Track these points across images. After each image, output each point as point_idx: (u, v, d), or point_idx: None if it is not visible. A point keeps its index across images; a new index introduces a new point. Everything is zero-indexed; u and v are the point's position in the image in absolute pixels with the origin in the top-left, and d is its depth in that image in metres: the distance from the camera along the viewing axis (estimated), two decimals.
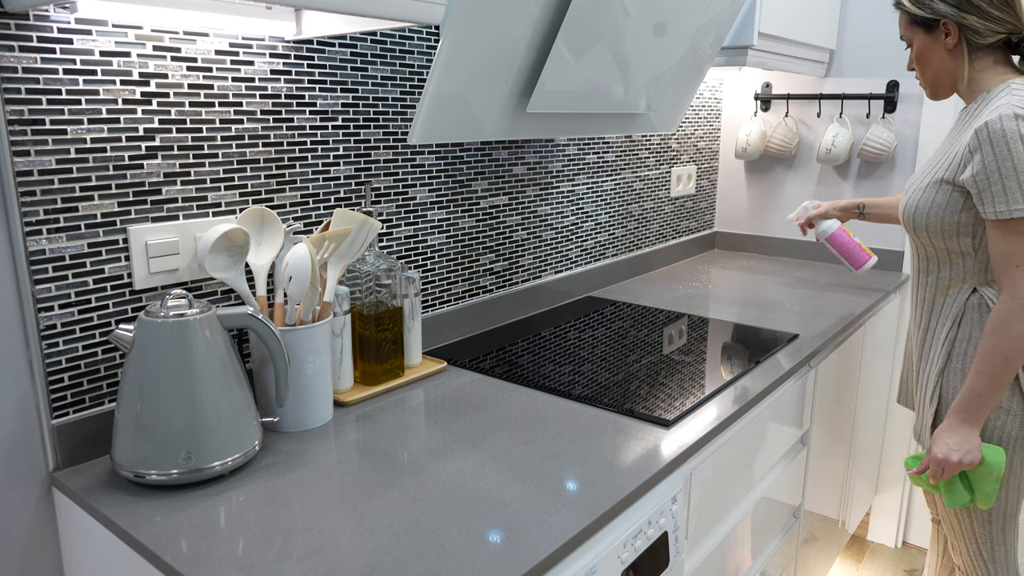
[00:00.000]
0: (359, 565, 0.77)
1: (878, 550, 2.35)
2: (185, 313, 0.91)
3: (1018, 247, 1.18)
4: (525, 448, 1.04)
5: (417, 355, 1.34)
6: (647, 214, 2.18)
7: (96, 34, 0.95)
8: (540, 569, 0.78)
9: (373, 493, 0.91)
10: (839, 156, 2.14)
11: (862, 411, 2.06)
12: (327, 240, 1.10)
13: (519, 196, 1.67)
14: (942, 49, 1.28)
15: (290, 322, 1.09)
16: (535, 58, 1.16)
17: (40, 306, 0.94)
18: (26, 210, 0.91)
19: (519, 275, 1.71)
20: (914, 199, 1.33)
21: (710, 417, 1.16)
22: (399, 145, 1.37)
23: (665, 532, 1.02)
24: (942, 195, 1.27)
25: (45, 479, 0.98)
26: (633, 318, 1.70)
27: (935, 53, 1.29)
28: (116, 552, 0.87)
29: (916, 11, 1.27)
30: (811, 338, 1.56)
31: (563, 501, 0.90)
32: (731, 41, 1.71)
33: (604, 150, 1.94)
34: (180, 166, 1.06)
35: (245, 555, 0.79)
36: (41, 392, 0.96)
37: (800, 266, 2.29)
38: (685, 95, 1.61)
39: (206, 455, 0.91)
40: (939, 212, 1.28)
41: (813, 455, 1.70)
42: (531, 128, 1.30)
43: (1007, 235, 1.19)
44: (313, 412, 1.10)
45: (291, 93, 1.18)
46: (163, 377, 0.90)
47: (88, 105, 0.95)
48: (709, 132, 2.42)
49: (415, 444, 1.05)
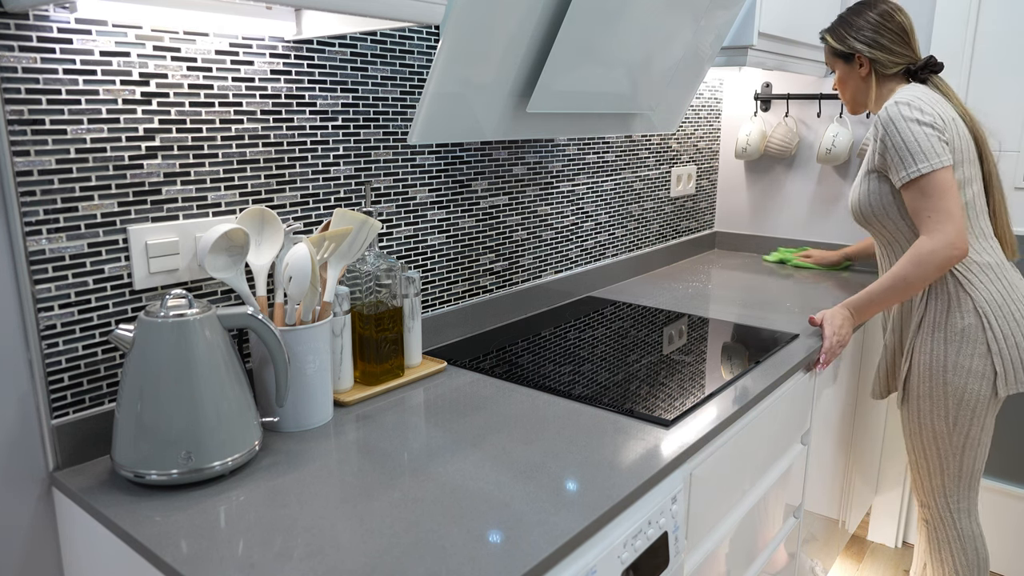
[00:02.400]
0: (359, 565, 0.77)
1: (878, 550, 2.35)
2: (185, 313, 0.91)
3: (924, 200, 1.44)
4: (525, 448, 1.04)
5: (417, 355, 1.34)
6: (647, 214, 2.18)
7: (96, 34, 0.95)
8: (540, 569, 0.78)
9: (373, 493, 0.91)
10: (839, 156, 2.14)
11: (862, 411, 2.06)
12: (327, 240, 1.10)
13: (519, 196, 1.67)
14: (857, 76, 1.61)
15: (290, 322, 1.09)
16: (535, 58, 1.16)
17: (40, 306, 0.94)
18: (26, 210, 0.91)
19: (519, 275, 1.71)
20: (855, 196, 1.62)
21: (710, 417, 1.16)
22: (399, 145, 1.37)
23: (665, 532, 1.02)
24: (873, 184, 1.56)
25: (45, 479, 0.98)
26: (633, 318, 1.70)
27: (852, 79, 1.62)
28: (116, 552, 0.87)
29: (837, 46, 1.61)
30: (811, 338, 1.56)
31: (563, 501, 0.90)
32: (731, 41, 1.71)
33: (604, 150, 1.94)
34: (180, 166, 1.06)
35: (245, 555, 0.79)
36: (41, 392, 0.96)
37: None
38: (685, 95, 1.61)
39: (206, 455, 0.91)
40: (876, 199, 1.56)
41: (813, 455, 1.70)
42: (531, 128, 1.30)
43: (914, 194, 1.46)
44: (313, 412, 1.10)
45: (291, 93, 1.18)
46: (163, 377, 0.90)
47: (88, 105, 0.95)
48: (709, 132, 2.42)
49: (415, 444, 1.05)
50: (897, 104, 1.46)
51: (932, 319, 1.55)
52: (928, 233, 1.44)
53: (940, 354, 1.54)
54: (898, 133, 1.45)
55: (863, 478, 2.18)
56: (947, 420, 1.55)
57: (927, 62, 1.56)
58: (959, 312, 1.51)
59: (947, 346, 1.53)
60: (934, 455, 1.60)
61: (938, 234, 1.42)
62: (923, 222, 1.45)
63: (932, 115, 1.44)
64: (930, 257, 1.43)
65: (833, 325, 1.53)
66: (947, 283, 1.52)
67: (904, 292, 1.48)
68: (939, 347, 1.54)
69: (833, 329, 1.52)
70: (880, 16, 1.55)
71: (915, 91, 1.49)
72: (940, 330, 1.54)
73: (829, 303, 1.84)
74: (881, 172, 1.53)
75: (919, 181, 1.44)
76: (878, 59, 1.56)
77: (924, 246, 1.44)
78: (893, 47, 1.55)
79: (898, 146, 1.45)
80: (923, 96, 1.47)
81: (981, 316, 1.49)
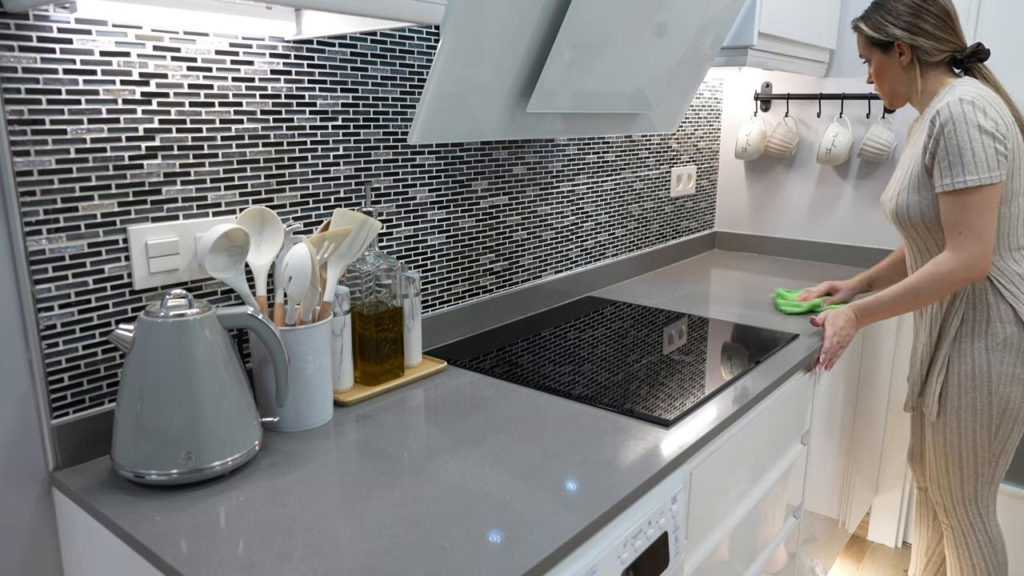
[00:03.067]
0: (359, 565, 0.77)
1: (878, 550, 2.35)
2: (185, 313, 0.91)
3: (961, 215, 1.37)
4: (525, 448, 1.04)
5: (417, 355, 1.34)
6: (647, 214, 2.18)
7: (96, 34, 0.95)
8: (540, 569, 0.78)
9: (373, 493, 0.91)
10: (839, 156, 2.14)
11: (862, 411, 2.06)
12: (327, 240, 1.10)
13: (519, 196, 1.67)
14: (897, 66, 1.50)
15: (290, 322, 1.09)
16: (535, 58, 1.16)
17: (40, 306, 0.94)
18: (26, 210, 0.91)
19: (519, 275, 1.71)
20: (902, 199, 1.50)
21: (710, 417, 1.16)
22: (399, 145, 1.37)
23: (665, 532, 1.02)
24: (926, 191, 1.45)
25: (45, 479, 0.98)
26: (633, 318, 1.70)
27: (891, 69, 1.51)
28: (116, 552, 0.87)
29: (873, 34, 1.49)
30: (811, 338, 1.56)
31: (563, 501, 0.90)
32: (731, 41, 1.71)
33: (604, 150, 1.94)
34: (180, 166, 1.06)
35: (245, 555, 0.79)
36: (41, 392, 0.96)
37: (800, 266, 2.29)
38: (685, 95, 1.61)
39: (206, 455, 0.91)
40: (929, 207, 1.45)
41: (813, 455, 1.70)
42: (531, 128, 1.30)
43: (953, 203, 1.38)
44: (313, 412, 1.10)
45: (291, 93, 1.18)
46: (163, 377, 0.90)
47: (88, 105, 0.95)
48: (709, 132, 2.42)
49: (415, 444, 1.05)
50: (962, 102, 1.36)
51: (971, 329, 1.49)
52: (953, 249, 1.39)
53: (983, 363, 1.48)
54: (957, 136, 1.36)
55: (863, 478, 2.18)
56: (989, 430, 1.50)
57: (975, 50, 1.45)
58: (1000, 322, 1.46)
59: (989, 355, 1.47)
60: (970, 463, 1.55)
61: (963, 253, 1.37)
62: (953, 236, 1.39)
63: (996, 120, 1.36)
64: (949, 277, 1.39)
65: (835, 325, 1.50)
66: (986, 292, 1.46)
67: (913, 304, 1.44)
68: (981, 356, 1.48)
69: (835, 329, 1.50)
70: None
71: (977, 88, 1.39)
72: (981, 339, 1.48)
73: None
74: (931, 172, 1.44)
75: (963, 192, 1.36)
76: (921, 46, 1.44)
77: (945, 264, 1.39)
78: (937, 32, 1.44)
79: (953, 150, 1.36)
80: (985, 95, 1.38)
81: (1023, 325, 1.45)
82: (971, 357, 1.49)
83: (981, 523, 1.59)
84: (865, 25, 1.50)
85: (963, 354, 1.50)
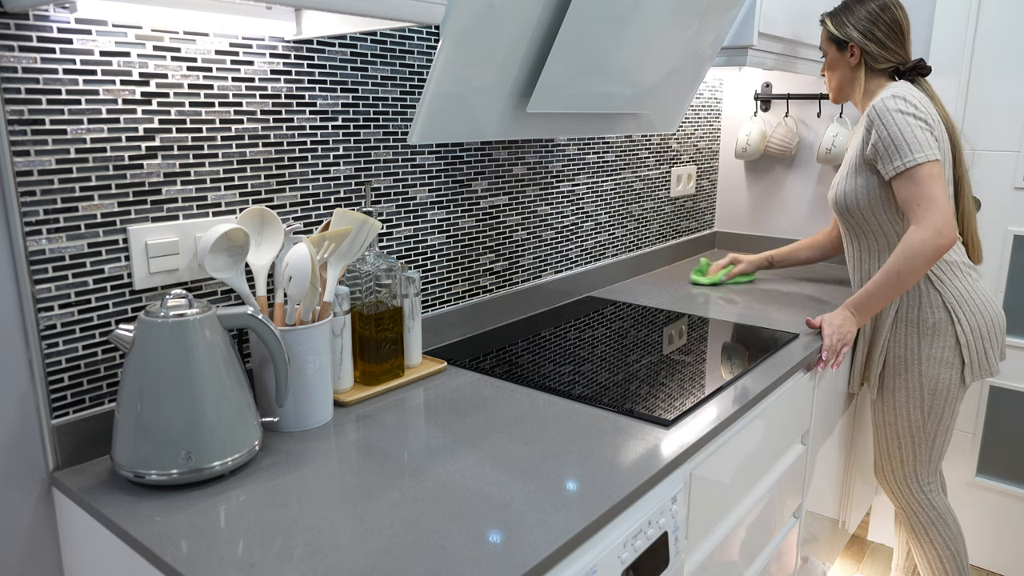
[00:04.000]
0: (359, 565, 0.77)
1: (878, 550, 2.35)
2: (185, 313, 0.91)
3: (915, 190, 1.48)
4: (525, 448, 1.04)
5: (417, 355, 1.34)
6: (647, 214, 2.18)
7: (96, 34, 0.95)
8: (540, 569, 0.78)
9: (373, 493, 0.91)
10: (839, 156, 2.14)
11: (862, 411, 2.06)
12: (327, 240, 1.10)
13: (519, 196, 1.67)
14: (847, 65, 1.65)
15: (290, 322, 1.09)
16: (535, 58, 1.16)
17: (40, 306, 0.94)
18: (26, 210, 0.91)
19: (519, 275, 1.71)
20: (841, 189, 1.66)
21: (710, 417, 1.16)
22: (399, 145, 1.37)
23: (665, 532, 1.02)
24: (862, 178, 1.60)
25: (45, 479, 0.98)
26: (633, 318, 1.70)
27: (841, 67, 1.66)
28: (116, 552, 0.87)
29: (834, 31, 1.63)
30: (811, 338, 1.56)
31: (563, 501, 0.90)
32: (731, 41, 1.71)
33: (604, 150, 1.94)
34: (180, 166, 1.06)
35: (245, 555, 0.79)
36: (41, 392, 0.96)
37: (800, 266, 2.29)
38: (685, 95, 1.61)
39: (206, 455, 0.91)
40: (863, 192, 1.60)
41: (813, 455, 1.70)
42: (531, 128, 1.30)
43: (905, 184, 1.50)
44: (313, 412, 1.10)
45: (291, 93, 1.18)
46: (163, 377, 0.90)
47: (88, 105, 0.95)
48: (709, 132, 2.42)
49: (415, 444, 1.05)
50: (894, 98, 1.51)
51: (904, 314, 1.64)
52: (917, 222, 1.48)
53: (914, 347, 1.63)
54: (895, 124, 1.49)
55: (863, 478, 2.18)
56: (922, 409, 1.65)
57: (916, 64, 1.61)
58: (930, 308, 1.60)
59: (920, 339, 1.62)
60: (908, 443, 1.69)
61: (926, 223, 1.47)
62: (912, 211, 1.49)
63: (925, 112, 1.51)
64: (920, 248, 1.47)
65: (832, 324, 1.54)
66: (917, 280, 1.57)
67: (899, 285, 1.51)
68: (912, 340, 1.63)
69: (832, 328, 1.54)
70: (879, 8, 1.59)
71: (907, 88, 1.55)
72: (913, 325, 1.63)
73: (829, 303, 1.84)
74: (871, 164, 1.58)
75: (911, 171, 1.48)
76: (870, 51, 1.60)
77: (914, 237, 1.48)
78: (886, 42, 1.59)
79: (894, 137, 1.50)
80: (915, 93, 1.54)
81: (950, 311, 1.59)
82: (904, 341, 1.65)
83: (927, 500, 1.73)
84: (830, 21, 1.65)
85: (897, 338, 1.66)
